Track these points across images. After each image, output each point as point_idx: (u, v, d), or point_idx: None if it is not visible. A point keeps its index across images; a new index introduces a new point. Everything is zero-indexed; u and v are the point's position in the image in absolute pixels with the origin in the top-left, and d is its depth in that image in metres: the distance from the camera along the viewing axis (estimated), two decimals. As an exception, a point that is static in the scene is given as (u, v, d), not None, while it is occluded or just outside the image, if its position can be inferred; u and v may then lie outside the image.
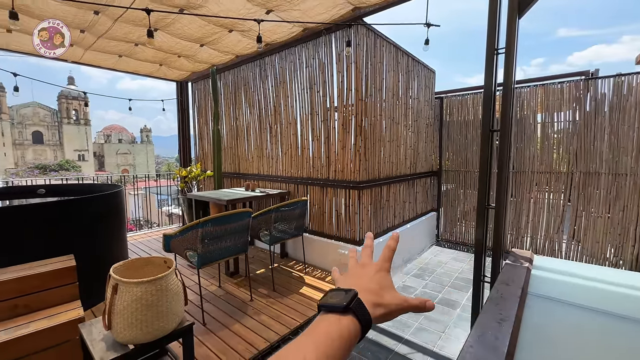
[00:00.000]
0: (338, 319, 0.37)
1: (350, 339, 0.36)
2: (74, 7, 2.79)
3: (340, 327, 0.37)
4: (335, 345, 0.35)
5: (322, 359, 0.33)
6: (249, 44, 3.78)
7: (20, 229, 2.35)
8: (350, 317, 0.38)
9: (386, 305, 0.43)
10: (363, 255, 0.53)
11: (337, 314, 0.38)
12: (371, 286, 0.45)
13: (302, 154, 3.87)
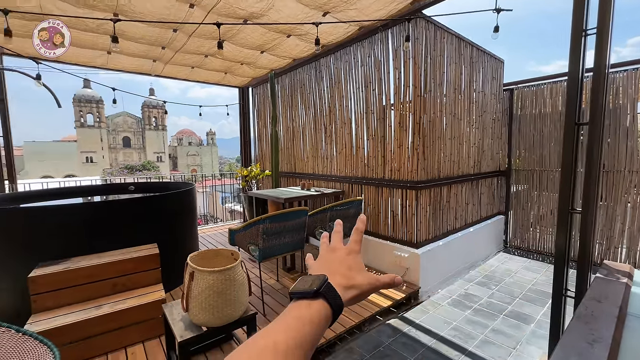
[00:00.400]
0: (308, 304, 0.38)
1: (321, 323, 0.37)
2: (157, 27, 3.19)
3: (310, 312, 0.37)
4: (305, 329, 0.35)
5: (292, 342, 0.33)
6: (305, 47, 3.89)
7: (115, 220, 2.77)
8: (321, 302, 0.38)
9: (357, 287, 0.44)
10: (333, 240, 0.53)
11: (307, 299, 0.38)
12: (341, 270, 0.45)
13: (357, 153, 3.85)
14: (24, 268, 2.20)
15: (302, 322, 0.35)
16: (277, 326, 0.34)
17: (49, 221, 2.48)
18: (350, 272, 0.45)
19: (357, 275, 0.45)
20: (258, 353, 0.30)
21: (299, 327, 0.34)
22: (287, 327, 0.34)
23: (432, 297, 3.07)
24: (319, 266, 0.47)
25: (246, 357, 0.30)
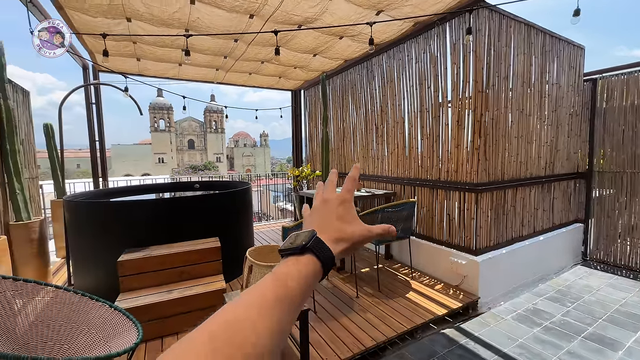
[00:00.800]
0: (296, 260, 0.38)
1: (309, 277, 0.37)
2: (221, 38, 3.47)
3: (298, 267, 0.37)
4: (293, 284, 0.35)
5: (280, 296, 0.33)
6: (357, 47, 3.88)
7: (183, 214, 3.08)
8: (309, 256, 0.38)
9: (348, 239, 0.42)
10: (326, 190, 0.49)
11: (295, 255, 0.38)
12: (332, 221, 0.44)
13: (410, 153, 3.72)
14: (115, 253, 2.58)
15: (291, 277, 0.35)
16: (265, 282, 0.35)
17: (133, 214, 2.86)
18: (341, 223, 0.43)
19: (347, 227, 0.43)
20: (246, 305, 0.32)
21: (287, 282, 0.34)
22: (275, 282, 0.34)
23: (493, 309, 2.83)
24: (310, 219, 0.46)
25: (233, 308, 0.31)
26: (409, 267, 3.53)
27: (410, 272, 3.42)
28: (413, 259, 3.49)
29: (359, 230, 0.44)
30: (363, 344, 2.21)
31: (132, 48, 3.72)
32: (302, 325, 1.89)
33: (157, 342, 2.29)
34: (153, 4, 2.70)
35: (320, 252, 0.39)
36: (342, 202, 0.45)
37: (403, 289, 3.05)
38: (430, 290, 3.02)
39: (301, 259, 0.37)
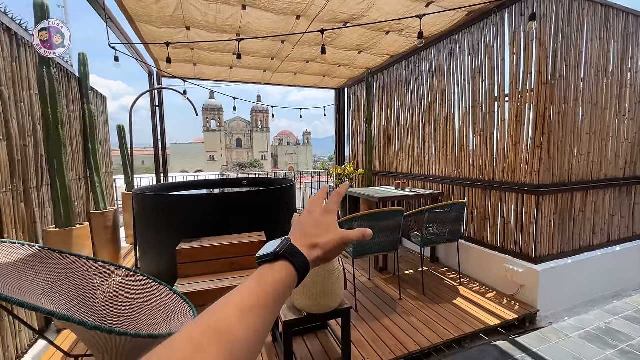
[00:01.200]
0: (271, 266, 0.38)
1: (283, 282, 0.37)
2: (269, 41, 3.60)
3: (272, 273, 0.38)
4: (268, 289, 0.36)
5: (255, 301, 0.34)
6: (404, 42, 3.76)
7: (233, 209, 3.27)
8: (283, 262, 0.39)
9: (323, 245, 0.44)
10: (311, 203, 0.51)
11: (270, 262, 0.39)
12: (310, 229, 0.45)
13: (460, 151, 3.51)
14: (174, 242, 2.83)
15: (265, 283, 0.36)
16: (243, 287, 0.36)
17: (189, 207, 3.11)
18: (319, 231, 0.45)
19: (324, 234, 0.45)
20: (223, 306, 0.33)
21: (262, 288, 0.36)
22: (251, 288, 0.35)
23: (555, 324, 2.56)
24: (293, 229, 0.48)
25: (212, 311, 0.33)
26: (457, 272, 3.33)
27: (458, 278, 3.24)
28: (462, 263, 3.29)
29: (335, 236, 0.45)
30: (406, 347, 2.15)
31: (190, 54, 4.03)
32: (344, 322, 1.90)
33: (209, 326, 2.47)
34: (209, 12, 2.90)
35: (294, 258, 0.40)
36: (325, 212, 0.48)
37: (450, 295, 2.89)
38: (481, 298, 2.83)
39: (275, 266, 0.39)
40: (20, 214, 2.20)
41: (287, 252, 0.40)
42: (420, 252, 3.13)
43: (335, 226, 0.47)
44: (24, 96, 2.32)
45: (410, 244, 4.20)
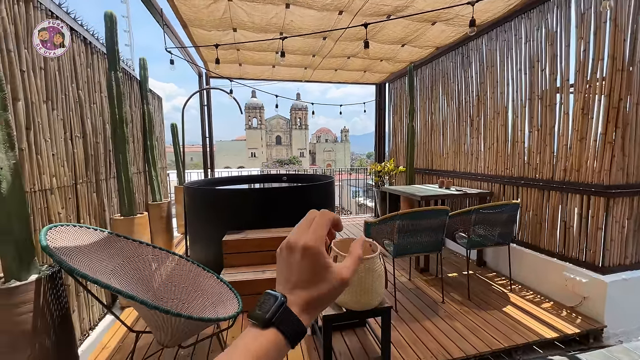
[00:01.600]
0: (259, 334, 0.33)
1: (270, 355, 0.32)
2: (311, 38, 3.63)
3: (259, 344, 0.33)
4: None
5: None
6: (452, 32, 3.55)
7: (274, 203, 3.36)
8: (273, 332, 0.33)
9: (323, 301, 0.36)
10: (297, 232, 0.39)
11: (258, 328, 0.34)
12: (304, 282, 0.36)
13: (514, 148, 3.24)
14: (221, 233, 3.00)
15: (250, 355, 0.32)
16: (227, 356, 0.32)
17: (235, 201, 3.28)
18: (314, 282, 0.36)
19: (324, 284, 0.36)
20: None
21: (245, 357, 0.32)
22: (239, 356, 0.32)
23: (626, 343, 2.27)
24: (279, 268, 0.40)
25: None
26: (507, 278, 3.10)
27: (509, 284, 3.01)
28: (513, 268, 3.05)
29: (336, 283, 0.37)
30: (449, 352, 2.05)
31: (235, 55, 4.22)
32: (384, 322, 1.87)
33: (251, 315, 2.58)
34: (254, 13, 3.00)
35: (288, 327, 0.34)
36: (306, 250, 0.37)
37: (499, 301, 2.70)
38: (535, 307, 2.60)
39: (264, 334, 0.33)
40: (93, 203, 2.49)
41: (281, 320, 0.34)
42: (466, 255, 2.96)
43: (330, 268, 0.37)
44: (96, 98, 2.61)
45: (454, 246, 3.99)
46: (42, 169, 1.84)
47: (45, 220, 1.86)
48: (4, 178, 1.32)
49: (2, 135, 1.33)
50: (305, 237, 0.37)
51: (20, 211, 1.38)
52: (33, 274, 1.43)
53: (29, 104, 1.75)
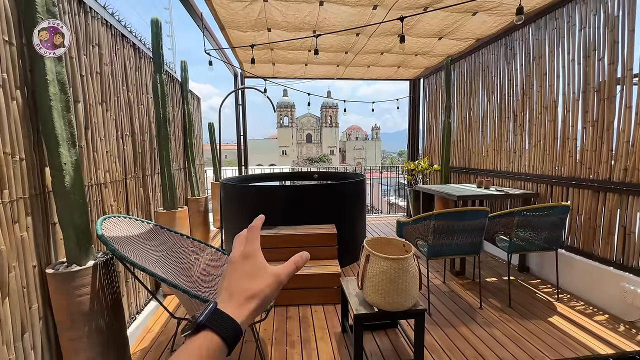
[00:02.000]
0: (192, 340, 0.34)
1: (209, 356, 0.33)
2: (343, 34, 3.61)
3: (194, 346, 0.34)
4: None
5: None
6: (494, 22, 3.34)
7: (305, 201, 3.40)
8: (206, 333, 0.34)
9: (257, 294, 0.39)
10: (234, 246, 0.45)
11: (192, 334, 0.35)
12: (239, 283, 0.40)
13: (564, 145, 2.98)
14: (253, 228, 3.09)
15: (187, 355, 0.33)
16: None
17: (267, 197, 3.36)
18: (249, 281, 0.40)
19: (255, 284, 0.40)
20: None
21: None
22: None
23: (699, 366, 2.00)
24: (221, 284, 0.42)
25: None
26: (553, 286, 2.87)
27: (555, 292, 2.78)
28: (561, 276, 2.81)
29: (269, 279, 0.41)
30: (488, 361, 1.95)
31: (269, 55, 4.31)
32: (417, 324, 1.82)
33: (282, 309, 2.64)
34: (289, 12, 3.04)
35: (219, 325, 0.35)
36: (245, 257, 0.42)
37: (544, 311, 2.51)
38: (587, 320, 2.38)
39: (197, 338, 0.34)
40: (140, 197, 2.68)
41: (211, 321, 0.35)
42: (507, 259, 2.78)
43: (264, 268, 0.42)
44: (143, 99, 2.80)
45: (493, 249, 3.77)
46: (97, 165, 2.02)
47: (100, 211, 2.04)
48: (67, 173, 1.46)
49: (66, 134, 1.47)
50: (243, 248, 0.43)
51: (81, 203, 1.53)
52: (90, 260, 1.58)
53: (87, 106, 1.92)
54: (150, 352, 2.09)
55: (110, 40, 2.24)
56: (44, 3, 1.39)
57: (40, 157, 1.52)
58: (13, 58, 1.39)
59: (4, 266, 1.28)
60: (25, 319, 1.40)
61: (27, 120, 1.45)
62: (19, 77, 1.41)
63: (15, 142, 1.38)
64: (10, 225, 1.34)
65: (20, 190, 1.40)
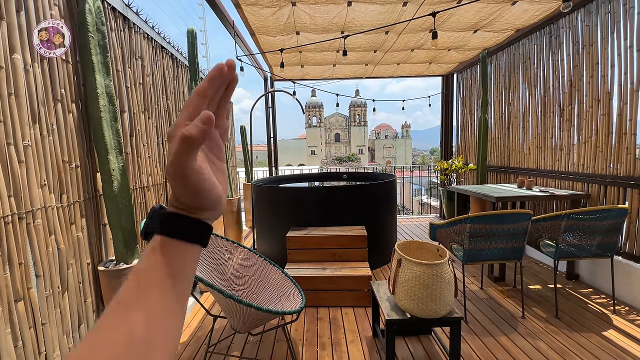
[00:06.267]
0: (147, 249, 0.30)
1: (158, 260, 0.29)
2: (372, 34, 3.55)
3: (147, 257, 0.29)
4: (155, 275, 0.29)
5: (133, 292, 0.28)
6: (537, 10, 3.10)
7: (335, 202, 3.39)
8: (154, 239, 0.30)
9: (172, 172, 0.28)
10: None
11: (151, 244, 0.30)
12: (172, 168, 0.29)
13: (620, 141, 2.70)
14: (285, 229, 3.15)
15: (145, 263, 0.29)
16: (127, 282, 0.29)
17: (297, 198, 3.40)
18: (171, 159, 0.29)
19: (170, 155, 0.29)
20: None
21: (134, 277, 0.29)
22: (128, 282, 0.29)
23: None
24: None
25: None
26: (609, 297, 2.61)
27: (611, 304, 2.53)
28: (617, 286, 2.55)
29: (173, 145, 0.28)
30: (532, 376, 1.82)
31: (298, 57, 4.35)
32: (453, 333, 1.74)
33: (312, 310, 2.65)
34: (317, 15, 3.05)
35: (158, 225, 0.30)
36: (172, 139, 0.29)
37: (597, 323, 2.29)
38: (649, 335, 2.14)
39: (148, 247, 0.30)
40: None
41: (152, 226, 0.30)
42: (554, 265, 2.57)
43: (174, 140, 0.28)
44: (180, 105, 2.96)
45: (536, 254, 3.52)
46: (141, 169, 2.17)
47: (144, 213, 2.19)
48: (115, 178, 1.58)
49: (114, 142, 1.60)
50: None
51: (127, 206, 1.65)
52: (136, 258, 1.70)
53: (132, 115, 2.07)
54: (189, 346, 2.20)
55: (151, 52, 2.39)
56: (94, 23, 1.52)
57: (92, 163, 1.66)
58: (69, 75, 1.53)
59: (63, 264, 1.42)
60: (82, 311, 1.54)
61: (81, 131, 1.59)
62: (74, 92, 1.56)
63: (72, 151, 1.52)
64: (68, 226, 1.48)
65: (76, 194, 1.54)
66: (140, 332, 0.26)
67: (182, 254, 0.30)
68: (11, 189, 1.21)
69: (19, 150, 1.24)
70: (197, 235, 0.32)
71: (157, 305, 0.28)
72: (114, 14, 1.90)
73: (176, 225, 0.30)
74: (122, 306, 0.27)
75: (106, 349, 0.24)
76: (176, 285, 0.30)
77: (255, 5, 2.81)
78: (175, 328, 0.30)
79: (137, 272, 0.29)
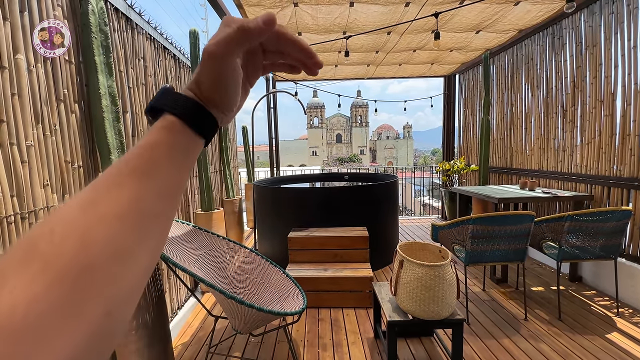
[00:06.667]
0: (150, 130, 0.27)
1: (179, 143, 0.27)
2: (374, 34, 3.55)
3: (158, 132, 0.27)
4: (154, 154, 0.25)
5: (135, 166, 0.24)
6: (540, 11, 3.09)
7: (337, 203, 3.39)
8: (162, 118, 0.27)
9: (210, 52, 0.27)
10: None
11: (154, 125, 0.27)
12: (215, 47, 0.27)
13: (623, 142, 2.69)
14: (286, 230, 3.15)
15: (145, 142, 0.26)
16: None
17: (299, 199, 3.40)
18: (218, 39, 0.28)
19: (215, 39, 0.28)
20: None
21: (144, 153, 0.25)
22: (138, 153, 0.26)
23: None
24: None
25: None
26: (612, 299, 2.60)
27: (614, 306, 2.51)
28: (621, 288, 2.53)
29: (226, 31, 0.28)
30: (535, 378, 1.80)
31: (300, 57, 4.35)
32: (455, 335, 1.73)
33: (314, 311, 2.65)
34: (319, 15, 3.05)
35: (180, 108, 0.28)
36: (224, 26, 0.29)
37: (601, 326, 2.28)
38: (654, 338, 2.12)
39: (157, 124, 0.28)
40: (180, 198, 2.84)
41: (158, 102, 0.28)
42: (557, 267, 2.56)
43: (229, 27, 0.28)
44: (183, 106, 2.96)
45: (539, 255, 3.50)
46: (143, 170, 2.17)
47: (145, 213, 2.19)
48: (117, 178, 1.58)
49: (116, 142, 1.60)
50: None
51: (129, 206, 1.65)
52: (137, 259, 1.69)
53: (134, 115, 2.07)
54: (190, 346, 2.20)
55: (154, 52, 2.39)
56: (97, 23, 1.52)
57: (94, 164, 1.66)
58: (72, 75, 1.53)
59: (65, 263, 1.42)
60: (83, 311, 1.54)
61: (84, 131, 1.60)
62: (77, 92, 1.56)
63: (75, 151, 1.53)
64: (70, 226, 1.48)
65: (79, 194, 1.54)
66: (148, 198, 0.24)
67: (193, 142, 0.29)
68: (14, 189, 1.21)
69: (21, 150, 1.25)
70: (208, 129, 0.29)
71: (167, 179, 0.26)
72: (117, 15, 1.90)
73: (194, 113, 0.28)
74: (130, 168, 0.24)
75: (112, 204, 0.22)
76: (182, 172, 0.28)
77: (257, 5, 2.82)
78: (173, 214, 0.27)
79: (149, 143, 0.26)
